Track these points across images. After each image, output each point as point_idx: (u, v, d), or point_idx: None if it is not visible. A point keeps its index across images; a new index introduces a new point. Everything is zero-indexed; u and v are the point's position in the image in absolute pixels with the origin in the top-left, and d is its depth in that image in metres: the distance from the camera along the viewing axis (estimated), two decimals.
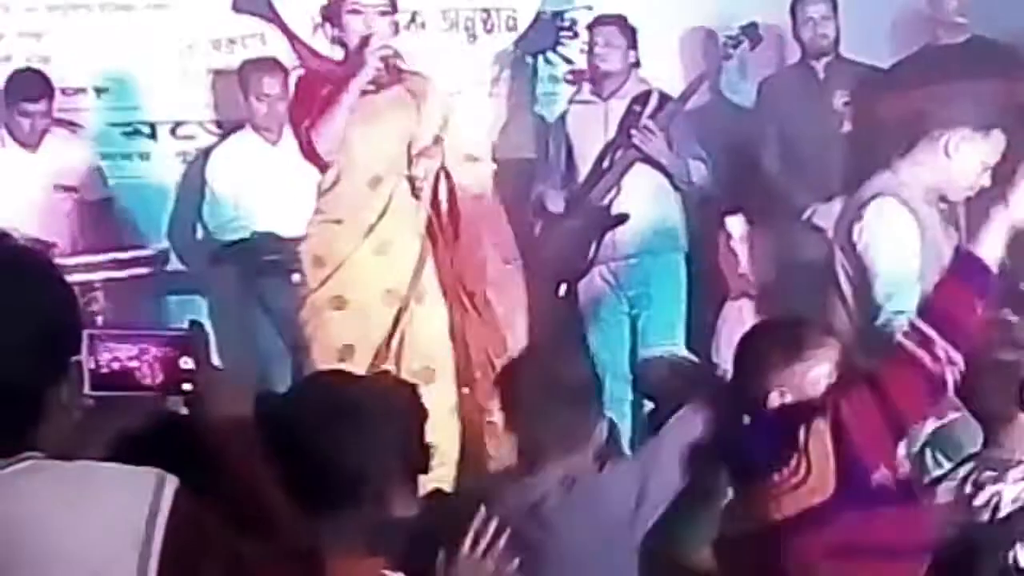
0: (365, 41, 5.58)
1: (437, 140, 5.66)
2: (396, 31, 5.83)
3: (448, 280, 5.65)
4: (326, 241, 5.60)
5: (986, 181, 4.88)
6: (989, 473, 3.53)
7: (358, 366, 5.24)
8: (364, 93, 5.54)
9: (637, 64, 6.96)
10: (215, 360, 2.37)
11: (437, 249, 5.64)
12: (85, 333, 2.20)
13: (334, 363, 5.24)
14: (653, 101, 6.83)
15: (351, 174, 5.57)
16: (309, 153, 5.56)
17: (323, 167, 5.58)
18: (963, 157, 4.94)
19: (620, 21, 6.96)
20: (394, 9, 5.76)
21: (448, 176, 5.64)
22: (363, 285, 5.54)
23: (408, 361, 5.51)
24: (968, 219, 5.18)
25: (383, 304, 5.55)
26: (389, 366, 5.41)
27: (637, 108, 6.85)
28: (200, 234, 6.99)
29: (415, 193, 5.60)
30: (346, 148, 5.54)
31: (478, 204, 5.78)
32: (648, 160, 6.78)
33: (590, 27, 7.04)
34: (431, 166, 5.60)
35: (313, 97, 5.58)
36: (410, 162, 5.60)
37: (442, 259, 5.65)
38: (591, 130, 6.90)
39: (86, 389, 2.24)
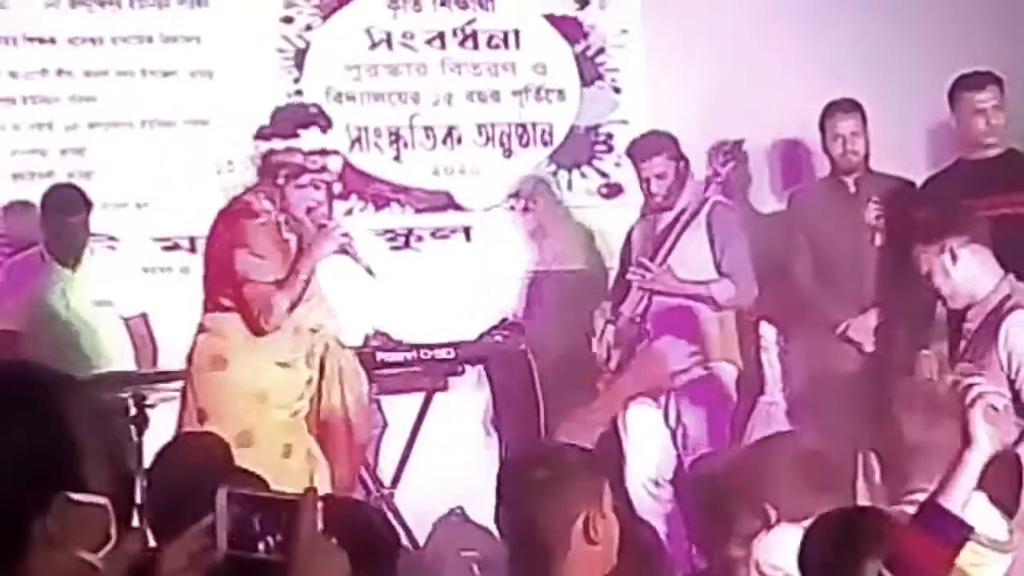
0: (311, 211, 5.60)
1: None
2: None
3: None
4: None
5: None
6: None
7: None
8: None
9: (687, 168, 6.94)
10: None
11: None
12: (223, 491, 2.20)
13: None
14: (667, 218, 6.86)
15: None
16: (257, 320, 5.53)
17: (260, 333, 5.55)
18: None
19: (663, 144, 6.89)
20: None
21: None
22: None
23: None
24: None
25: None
26: None
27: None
28: None
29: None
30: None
31: None
32: (660, 293, 6.79)
33: (632, 158, 7.00)
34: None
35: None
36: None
37: None
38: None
39: (222, 546, 2.19)
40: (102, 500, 1.96)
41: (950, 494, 3.11)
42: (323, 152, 5.61)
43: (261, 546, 2.12)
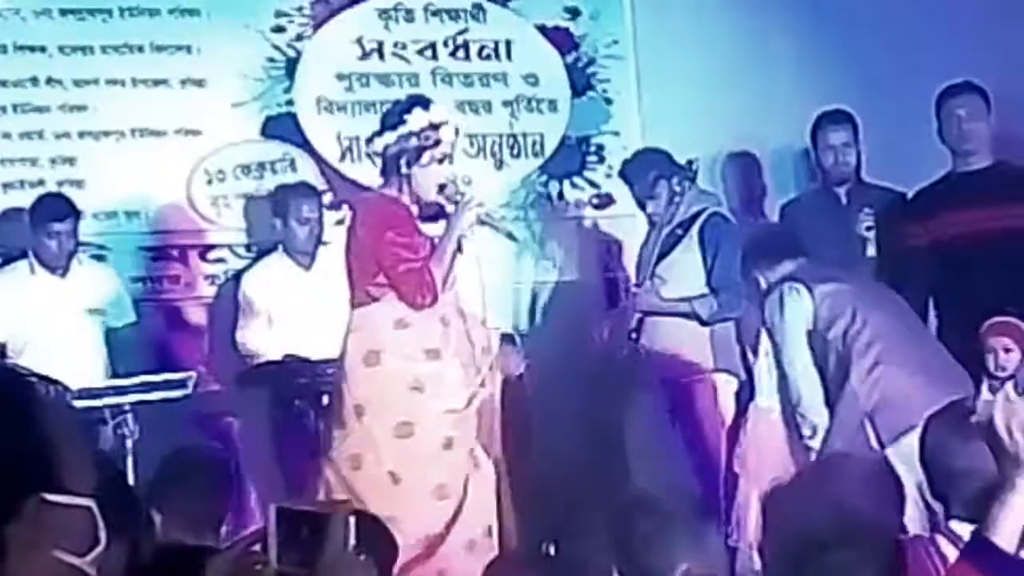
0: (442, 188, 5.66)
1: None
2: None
3: None
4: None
5: None
6: None
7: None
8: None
9: (682, 181, 6.95)
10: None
11: None
12: (273, 506, 2.17)
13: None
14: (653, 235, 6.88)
15: None
16: (415, 295, 5.58)
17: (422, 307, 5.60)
18: None
19: (654, 161, 6.91)
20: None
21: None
22: None
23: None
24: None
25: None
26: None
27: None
28: (232, 356, 7.00)
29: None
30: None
31: None
32: (647, 312, 6.80)
33: (624, 178, 7.01)
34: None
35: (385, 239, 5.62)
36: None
37: None
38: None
39: (273, 562, 2.16)
40: (85, 502, 1.92)
41: (1001, 527, 2.84)
42: (433, 127, 5.64)
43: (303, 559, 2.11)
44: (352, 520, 2.11)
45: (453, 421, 5.61)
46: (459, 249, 5.67)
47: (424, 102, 5.74)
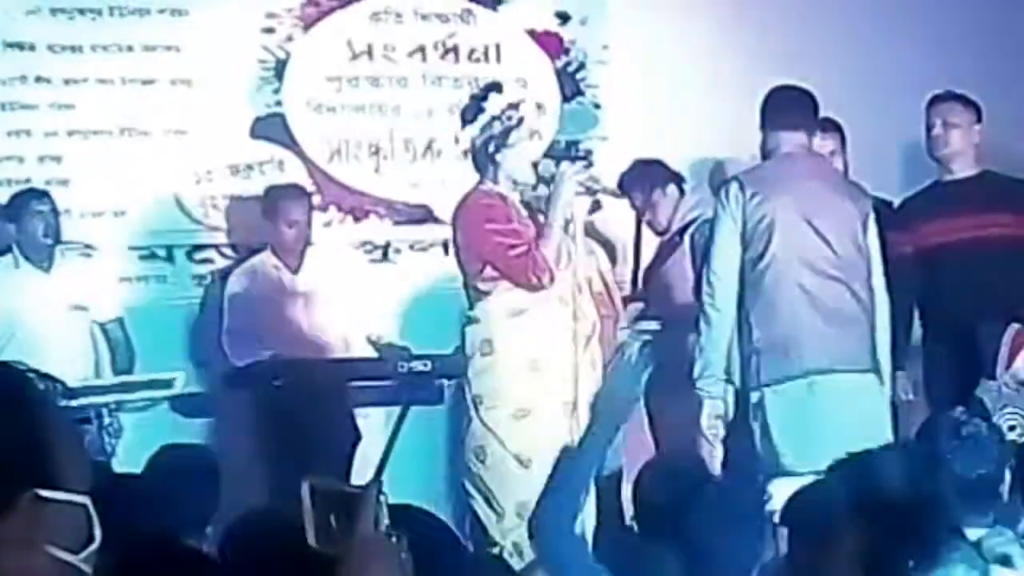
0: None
1: None
2: None
3: None
4: None
5: None
6: None
7: None
8: None
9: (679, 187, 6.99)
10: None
11: None
12: (306, 485, 2.15)
13: None
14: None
15: None
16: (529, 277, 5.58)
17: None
18: None
19: (647, 173, 6.96)
20: None
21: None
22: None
23: None
24: None
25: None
26: None
27: None
28: (218, 356, 7.00)
29: None
30: None
31: None
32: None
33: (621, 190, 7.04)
34: None
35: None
36: None
37: None
38: None
39: (311, 541, 2.14)
40: (80, 499, 1.91)
41: None
42: (513, 106, 5.67)
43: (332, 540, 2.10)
44: (384, 500, 2.10)
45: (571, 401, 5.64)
46: (569, 223, 5.68)
47: (498, 86, 5.77)
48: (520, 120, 5.66)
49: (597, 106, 7.80)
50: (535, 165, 5.75)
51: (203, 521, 4.54)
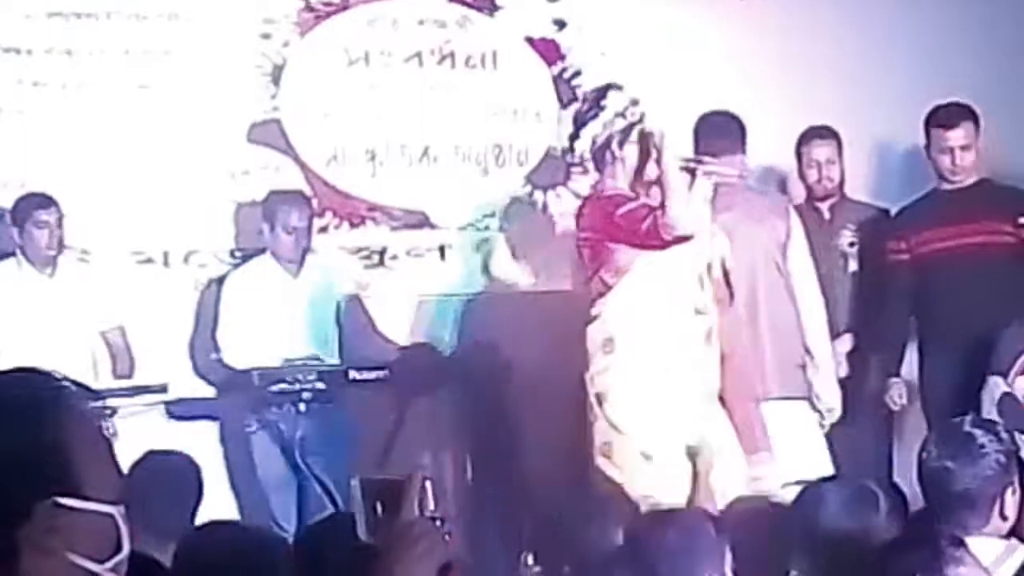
0: None
1: None
2: None
3: None
4: None
5: None
6: None
7: None
8: None
9: None
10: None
11: None
12: (355, 481, 2.16)
13: None
14: None
15: None
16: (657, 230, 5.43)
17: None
18: None
19: None
20: None
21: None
22: None
23: None
24: None
25: None
26: None
27: None
28: (214, 360, 6.99)
29: None
30: None
31: None
32: None
33: None
34: None
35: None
36: None
37: None
38: None
39: (363, 536, 2.15)
40: (105, 508, 1.90)
41: None
42: (634, 103, 5.60)
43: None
44: (429, 485, 2.11)
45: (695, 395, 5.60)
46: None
47: (615, 85, 5.69)
48: (643, 116, 5.58)
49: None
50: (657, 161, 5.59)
51: (180, 528, 4.49)
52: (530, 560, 4.22)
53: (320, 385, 6.53)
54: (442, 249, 7.60)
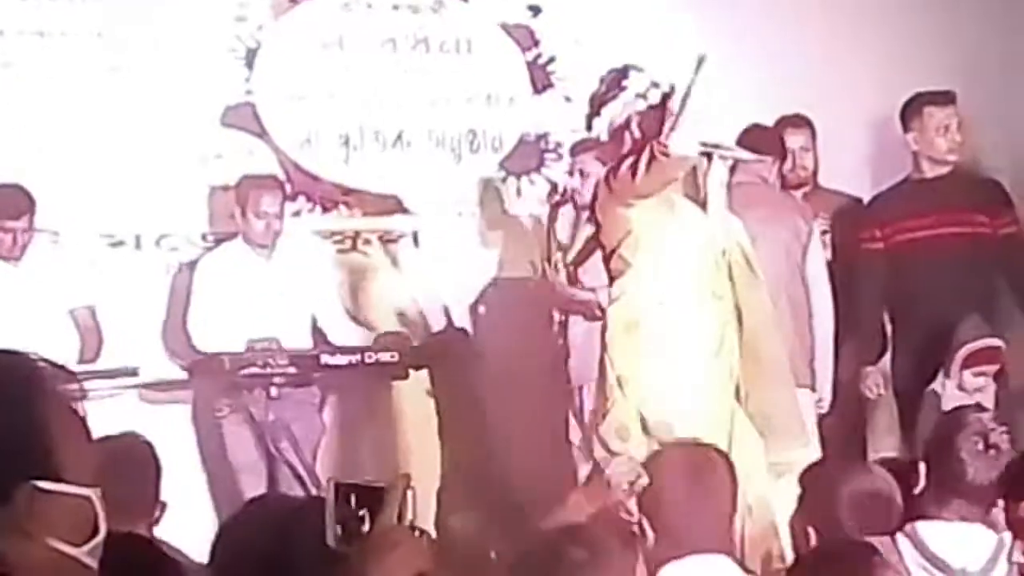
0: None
1: None
2: None
3: None
4: None
5: None
6: None
7: None
8: None
9: None
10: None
11: None
12: (331, 482, 2.11)
13: None
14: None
15: None
16: None
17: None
18: None
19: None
20: None
21: None
22: None
23: None
24: None
25: None
26: None
27: None
28: (186, 343, 6.96)
29: None
30: None
31: None
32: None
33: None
34: None
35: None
36: None
37: None
38: None
39: (330, 539, 2.10)
40: (84, 491, 1.91)
41: None
42: (655, 84, 5.50)
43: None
44: (411, 493, 2.06)
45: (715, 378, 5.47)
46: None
47: (636, 67, 5.60)
48: (664, 96, 5.48)
49: (568, 99, 7.79)
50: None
51: (149, 508, 4.46)
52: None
53: (292, 369, 6.50)
54: (415, 235, 7.59)
